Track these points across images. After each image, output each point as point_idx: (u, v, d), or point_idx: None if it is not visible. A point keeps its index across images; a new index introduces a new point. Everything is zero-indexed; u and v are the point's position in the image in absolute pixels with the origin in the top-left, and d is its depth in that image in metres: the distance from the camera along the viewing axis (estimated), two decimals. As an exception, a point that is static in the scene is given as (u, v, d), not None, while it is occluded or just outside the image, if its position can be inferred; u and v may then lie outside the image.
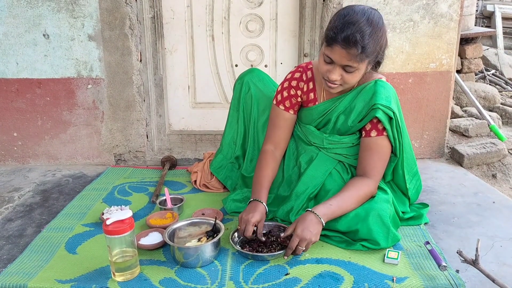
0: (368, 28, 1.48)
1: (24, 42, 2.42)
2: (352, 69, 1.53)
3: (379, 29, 1.51)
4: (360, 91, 1.68)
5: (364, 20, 1.49)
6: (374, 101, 1.63)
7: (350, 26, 1.47)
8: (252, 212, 1.62)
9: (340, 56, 1.51)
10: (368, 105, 1.65)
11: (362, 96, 1.67)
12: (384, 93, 1.64)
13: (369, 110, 1.64)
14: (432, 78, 2.49)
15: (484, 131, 2.90)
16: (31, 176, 2.45)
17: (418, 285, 1.43)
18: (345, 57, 1.50)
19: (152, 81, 2.60)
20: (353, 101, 1.70)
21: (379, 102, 1.62)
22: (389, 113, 1.62)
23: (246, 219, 1.60)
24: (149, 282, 1.46)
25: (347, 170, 1.79)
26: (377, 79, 1.68)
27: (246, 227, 1.58)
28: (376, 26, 1.50)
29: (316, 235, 1.52)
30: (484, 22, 6.10)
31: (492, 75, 4.47)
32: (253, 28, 2.63)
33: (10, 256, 1.65)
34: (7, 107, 2.53)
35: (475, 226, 1.84)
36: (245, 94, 2.03)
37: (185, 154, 2.64)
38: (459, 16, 2.41)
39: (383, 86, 1.66)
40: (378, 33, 1.51)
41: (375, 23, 1.50)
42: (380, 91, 1.64)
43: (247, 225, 1.58)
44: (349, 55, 1.49)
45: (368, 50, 1.49)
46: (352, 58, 1.49)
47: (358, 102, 1.68)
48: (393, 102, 1.65)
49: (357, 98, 1.69)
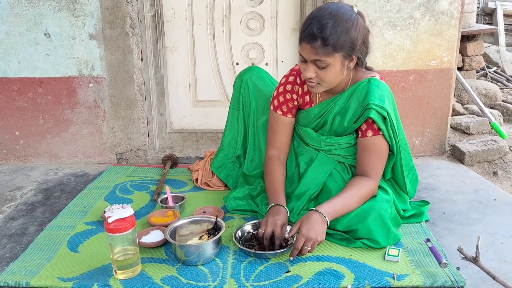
0: (329, 21, 1.49)
1: (26, 41, 2.43)
2: (323, 64, 1.53)
3: (345, 20, 1.50)
4: (354, 91, 1.67)
5: (327, 14, 1.50)
6: (367, 101, 1.61)
7: (312, 21, 1.51)
8: (278, 215, 1.62)
9: (307, 52, 1.53)
10: (362, 105, 1.63)
11: (356, 95, 1.66)
12: (377, 92, 1.62)
13: (363, 110, 1.63)
14: (433, 76, 2.49)
15: (485, 129, 2.89)
16: (33, 174, 2.46)
17: (419, 282, 1.43)
18: (310, 51, 1.52)
19: (153, 79, 2.60)
20: (347, 101, 1.68)
21: (373, 101, 1.60)
22: (382, 113, 1.60)
23: (274, 222, 1.59)
24: (151, 279, 1.47)
25: (347, 170, 1.79)
26: (371, 78, 1.66)
27: (275, 230, 1.58)
28: (340, 18, 1.50)
29: (322, 234, 1.50)
30: (486, 19, 6.07)
31: (494, 72, 4.45)
32: (253, 26, 2.63)
33: (12, 255, 1.66)
34: (9, 106, 2.54)
35: (476, 224, 1.84)
36: (244, 92, 2.03)
37: (186, 153, 2.65)
38: (460, 13, 2.40)
39: (376, 85, 1.64)
40: (344, 25, 1.49)
41: (340, 16, 1.50)
42: (373, 90, 1.62)
43: (276, 228, 1.58)
44: (313, 49, 1.50)
45: (331, 42, 1.48)
46: (317, 51, 1.50)
47: (353, 102, 1.67)
48: (387, 101, 1.62)
49: (351, 98, 1.67)
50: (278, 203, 1.67)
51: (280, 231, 1.58)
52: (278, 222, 1.59)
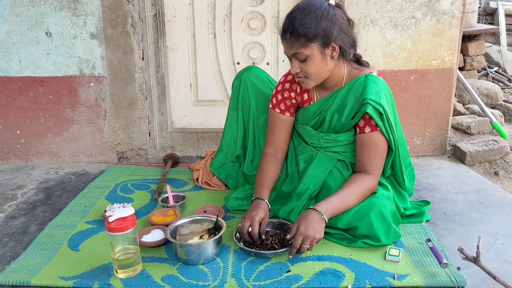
0: (298, 14, 1.55)
1: (27, 40, 2.43)
2: (302, 57, 1.57)
3: (314, 11, 1.54)
4: (351, 87, 1.68)
5: (296, 8, 1.58)
6: (364, 96, 1.62)
7: (285, 18, 1.59)
8: (256, 209, 1.63)
9: (285, 48, 1.60)
10: (359, 101, 1.64)
11: (353, 91, 1.68)
12: (374, 88, 1.63)
13: (360, 105, 1.64)
14: (434, 76, 2.49)
15: (487, 129, 2.89)
16: (34, 173, 2.46)
17: (419, 282, 1.43)
18: (287, 47, 1.58)
19: (154, 79, 2.60)
20: (345, 98, 1.70)
21: (369, 97, 1.61)
22: (379, 108, 1.61)
23: (251, 216, 1.60)
24: (151, 279, 1.47)
25: (347, 167, 1.80)
26: (368, 74, 1.67)
27: (252, 224, 1.58)
28: (309, 10, 1.55)
29: (320, 232, 1.51)
30: (487, 19, 6.06)
31: (495, 72, 4.45)
32: (255, 25, 2.63)
33: (13, 253, 1.66)
34: (10, 105, 2.54)
35: (476, 224, 1.84)
36: (243, 92, 2.04)
37: (187, 152, 2.65)
38: (461, 13, 2.40)
39: (373, 81, 1.65)
40: (313, 14, 1.54)
41: (308, 8, 1.55)
42: (370, 86, 1.63)
43: (253, 222, 1.58)
44: (288, 43, 1.57)
45: (302, 33, 1.53)
46: (293, 45, 1.56)
47: (350, 98, 1.68)
48: (383, 97, 1.63)
49: (349, 94, 1.69)
50: (260, 197, 1.69)
51: (255, 225, 1.58)
52: (255, 217, 1.59)
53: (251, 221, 1.59)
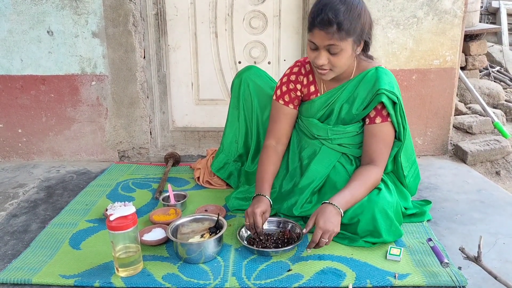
0: (342, 6, 1.52)
1: (29, 39, 2.44)
2: (337, 49, 1.55)
3: (355, 6, 1.54)
4: (362, 79, 1.70)
5: (336, 1, 1.54)
6: (378, 87, 1.65)
7: (324, 8, 1.54)
8: (257, 204, 1.64)
9: (320, 38, 1.55)
10: (372, 91, 1.66)
11: (365, 83, 1.69)
12: (386, 79, 1.67)
13: (373, 96, 1.66)
14: (435, 75, 2.48)
15: (488, 128, 2.89)
16: (36, 172, 2.46)
17: (420, 282, 1.43)
18: (325, 37, 1.54)
19: (156, 78, 2.60)
20: (355, 89, 1.71)
21: (383, 87, 1.64)
22: (393, 98, 1.64)
23: (252, 212, 1.61)
24: (152, 277, 1.47)
25: (351, 162, 1.80)
26: (378, 66, 1.71)
27: (254, 219, 1.59)
28: (351, 4, 1.54)
29: (338, 226, 1.52)
30: (489, 19, 6.05)
31: (497, 72, 4.43)
32: (256, 24, 2.62)
33: (14, 252, 1.67)
34: (11, 104, 2.54)
35: (478, 223, 1.83)
36: (244, 91, 2.04)
37: (189, 151, 2.65)
38: (463, 12, 2.39)
39: (385, 73, 1.69)
40: (355, 10, 1.54)
41: (349, 2, 1.54)
42: (382, 77, 1.66)
43: (255, 217, 1.59)
44: (328, 34, 1.53)
45: (345, 27, 1.52)
46: (332, 36, 1.52)
47: (361, 89, 1.70)
48: (395, 87, 1.67)
49: (360, 86, 1.70)
50: (261, 193, 1.70)
51: (258, 220, 1.59)
52: (257, 211, 1.60)
53: (253, 216, 1.60)
